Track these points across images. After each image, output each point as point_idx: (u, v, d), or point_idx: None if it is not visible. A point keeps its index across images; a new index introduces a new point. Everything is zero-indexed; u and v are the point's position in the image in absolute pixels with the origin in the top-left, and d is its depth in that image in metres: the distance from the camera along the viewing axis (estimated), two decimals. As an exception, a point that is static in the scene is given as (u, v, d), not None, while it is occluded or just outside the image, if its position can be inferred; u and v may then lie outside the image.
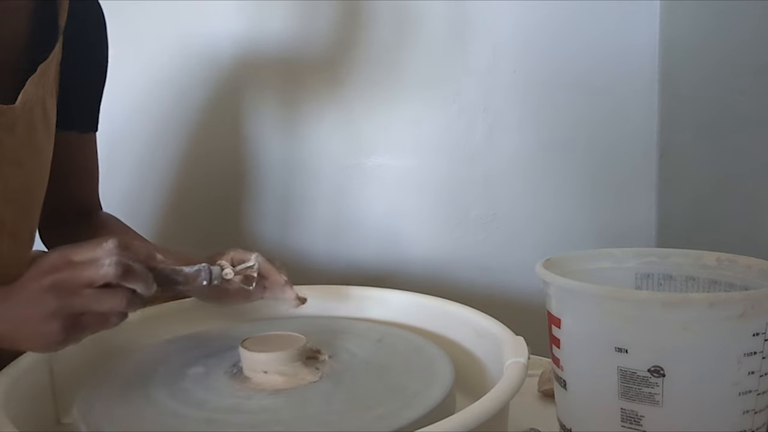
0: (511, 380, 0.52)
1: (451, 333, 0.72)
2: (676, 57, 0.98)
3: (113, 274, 0.51)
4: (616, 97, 1.04)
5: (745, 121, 0.81)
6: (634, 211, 1.06)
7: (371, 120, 1.13)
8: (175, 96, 1.20)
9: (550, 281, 0.55)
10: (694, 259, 0.61)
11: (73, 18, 0.72)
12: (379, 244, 1.15)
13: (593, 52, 1.04)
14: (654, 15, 1.01)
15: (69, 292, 0.50)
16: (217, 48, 1.17)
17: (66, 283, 0.51)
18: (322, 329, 0.71)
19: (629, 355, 0.50)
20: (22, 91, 0.66)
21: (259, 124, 1.18)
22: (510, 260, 1.10)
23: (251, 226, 1.22)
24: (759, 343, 0.49)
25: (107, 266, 0.51)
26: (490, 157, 1.09)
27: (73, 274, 0.51)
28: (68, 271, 0.51)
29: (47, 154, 0.73)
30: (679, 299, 0.52)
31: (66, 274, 0.51)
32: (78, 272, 0.51)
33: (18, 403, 0.56)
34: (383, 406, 0.54)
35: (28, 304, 0.51)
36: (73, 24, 0.73)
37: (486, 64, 1.07)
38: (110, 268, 0.51)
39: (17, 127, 0.67)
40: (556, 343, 0.56)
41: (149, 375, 0.62)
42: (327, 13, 1.11)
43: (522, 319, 0.73)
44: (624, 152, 1.05)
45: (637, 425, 0.51)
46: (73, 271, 0.51)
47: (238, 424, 0.53)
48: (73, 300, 0.50)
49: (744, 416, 0.50)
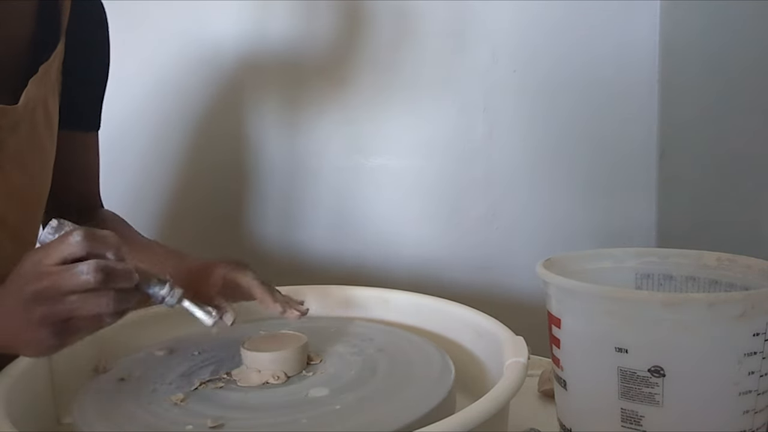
0: (511, 380, 0.52)
1: (451, 333, 0.72)
2: (676, 57, 0.98)
3: (94, 281, 0.49)
4: (616, 96, 1.04)
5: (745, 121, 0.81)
6: (634, 211, 1.06)
7: (371, 120, 1.13)
8: (177, 96, 1.20)
9: (550, 281, 0.55)
10: (694, 259, 0.61)
11: (75, 17, 0.72)
12: (378, 244, 1.15)
13: (593, 52, 1.04)
14: (654, 15, 1.00)
15: (52, 300, 0.49)
16: (219, 48, 1.17)
17: (48, 292, 0.49)
18: (323, 329, 0.71)
19: (629, 355, 0.50)
20: (25, 92, 0.66)
21: (261, 124, 1.18)
22: (510, 260, 1.10)
23: (252, 225, 1.22)
24: (759, 343, 0.49)
25: (86, 274, 0.49)
26: (490, 157, 1.09)
27: (54, 283, 0.49)
28: (47, 280, 0.49)
29: (50, 154, 0.74)
30: (679, 299, 0.52)
31: (46, 282, 0.49)
32: (58, 280, 0.49)
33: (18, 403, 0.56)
34: (383, 406, 0.55)
35: (15, 315, 0.50)
36: (76, 23, 0.73)
37: (486, 64, 1.07)
38: (89, 276, 0.49)
39: (20, 127, 0.67)
40: (556, 343, 0.56)
41: (149, 375, 0.62)
42: (328, 14, 1.11)
43: (522, 319, 0.73)
44: (624, 152, 1.05)
45: (637, 425, 0.51)
46: (53, 280, 0.49)
47: (238, 424, 0.53)
48: (57, 307, 0.49)
49: (744, 416, 0.50)
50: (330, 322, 0.75)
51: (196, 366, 0.64)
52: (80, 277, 0.49)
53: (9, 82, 0.66)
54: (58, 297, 0.49)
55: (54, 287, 0.49)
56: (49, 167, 0.74)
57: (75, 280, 0.49)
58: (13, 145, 0.67)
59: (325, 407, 0.55)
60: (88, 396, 0.59)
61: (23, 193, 0.70)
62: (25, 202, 0.71)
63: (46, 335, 0.50)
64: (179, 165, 1.23)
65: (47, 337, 0.50)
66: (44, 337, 0.50)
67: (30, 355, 0.55)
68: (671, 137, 1.01)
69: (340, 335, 0.70)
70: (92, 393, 0.59)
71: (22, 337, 0.51)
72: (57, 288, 0.49)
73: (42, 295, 0.49)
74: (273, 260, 1.21)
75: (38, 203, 0.74)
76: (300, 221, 1.19)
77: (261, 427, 0.52)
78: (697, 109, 0.93)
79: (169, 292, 0.55)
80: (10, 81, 0.67)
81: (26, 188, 0.71)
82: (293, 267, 1.20)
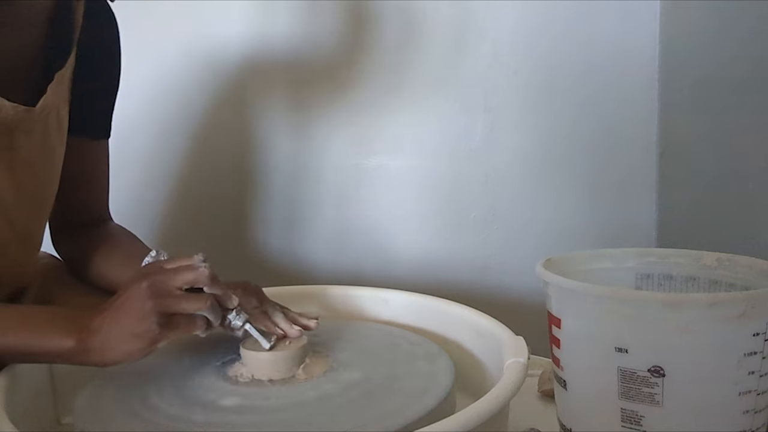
0: (511, 380, 0.52)
1: (451, 333, 0.73)
2: (676, 57, 0.98)
3: (207, 274, 0.57)
4: (616, 96, 1.04)
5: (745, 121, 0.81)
6: (634, 211, 1.06)
7: (372, 120, 1.13)
8: (179, 98, 1.20)
9: (550, 281, 0.55)
10: (694, 259, 0.61)
11: (87, 25, 0.73)
12: (379, 244, 1.15)
13: (593, 52, 1.04)
14: (654, 15, 1.01)
15: (164, 292, 0.55)
16: (222, 51, 1.17)
17: (161, 284, 0.56)
18: (323, 329, 0.71)
19: (629, 355, 0.50)
20: (43, 97, 0.67)
21: (264, 126, 1.18)
22: (510, 260, 1.10)
23: (253, 226, 1.22)
24: (759, 343, 0.49)
25: (203, 268, 0.57)
26: (490, 157, 1.09)
27: (169, 277, 0.56)
28: (164, 275, 0.56)
29: (59, 159, 0.74)
30: (679, 299, 0.52)
31: (162, 277, 0.56)
32: (173, 275, 0.56)
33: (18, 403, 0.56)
34: (383, 406, 0.55)
35: (127, 305, 0.55)
36: (88, 32, 0.73)
37: (486, 64, 1.07)
38: (206, 270, 0.57)
39: (34, 131, 0.68)
40: (556, 343, 0.56)
41: (149, 375, 0.62)
42: (330, 16, 1.11)
43: (522, 319, 0.73)
44: (624, 152, 1.05)
45: (637, 425, 0.51)
46: (169, 274, 0.56)
47: (238, 424, 0.53)
48: (166, 300, 0.55)
49: (744, 416, 0.50)
50: (330, 321, 0.75)
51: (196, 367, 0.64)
52: (197, 270, 0.57)
53: (23, 87, 0.67)
54: (169, 290, 0.55)
55: (167, 280, 0.56)
56: (57, 172, 0.75)
57: (191, 272, 0.56)
58: (26, 148, 0.68)
59: (325, 407, 0.55)
60: (88, 396, 0.59)
61: (32, 196, 0.71)
62: (34, 205, 0.72)
63: (151, 326, 0.54)
64: (183, 168, 1.23)
65: (151, 329, 0.54)
66: (148, 328, 0.54)
67: (119, 357, 0.56)
68: (671, 137, 1.01)
69: (339, 335, 0.70)
70: (92, 393, 0.59)
71: (125, 332, 0.55)
72: (170, 280, 0.56)
73: (155, 287, 0.55)
74: (274, 262, 1.21)
75: (46, 207, 0.75)
76: (302, 222, 1.19)
77: (261, 426, 0.52)
78: (697, 109, 0.93)
79: (236, 316, 0.61)
80: (24, 87, 0.67)
81: (36, 191, 0.71)
82: (294, 267, 1.20)
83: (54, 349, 0.55)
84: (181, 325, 0.56)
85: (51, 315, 0.58)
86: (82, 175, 0.81)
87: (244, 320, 0.61)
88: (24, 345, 0.56)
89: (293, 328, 0.64)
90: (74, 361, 0.56)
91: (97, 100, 0.79)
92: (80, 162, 0.79)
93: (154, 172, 1.23)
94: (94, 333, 0.55)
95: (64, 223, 0.82)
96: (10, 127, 0.65)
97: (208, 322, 0.58)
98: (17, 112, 0.64)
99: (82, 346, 0.55)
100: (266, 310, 0.66)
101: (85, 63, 0.74)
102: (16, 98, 0.64)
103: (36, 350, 0.56)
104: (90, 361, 0.56)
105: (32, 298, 0.77)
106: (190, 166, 1.22)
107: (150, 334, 0.54)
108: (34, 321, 0.57)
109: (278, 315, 0.66)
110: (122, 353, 0.55)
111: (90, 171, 0.82)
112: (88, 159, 0.81)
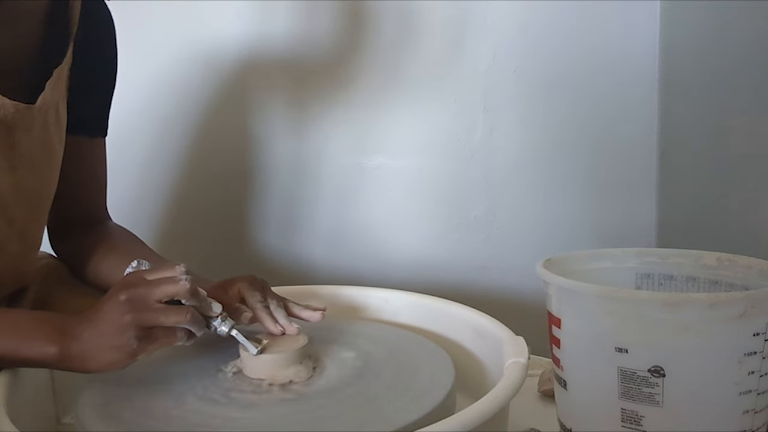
0: (511, 380, 0.52)
1: (451, 333, 0.72)
2: (676, 58, 0.98)
3: (187, 288, 0.55)
4: (616, 97, 1.04)
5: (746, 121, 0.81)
6: (634, 211, 1.06)
7: (372, 120, 1.13)
8: (178, 97, 1.20)
9: (551, 281, 0.55)
10: (695, 259, 0.61)
11: (84, 22, 0.73)
12: (379, 244, 1.15)
13: (593, 52, 1.04)
14: (654, 16, 1.01)
15: (142, 305, 0.54)
16: (221, 50, 1.17)
17: (140, 297, 0.55)
18: (322, 329, 0.71)
19: (629, 355, 0.50)
20: (42, 94, 0.67)
21: (263, 125, 1.18)
22: (510, 260, 1.10)
23: (253, 225, 1.22)
24: (759, 343, 0.49)
25: (184, 281, 0.55)
26: (490, 157, 1.09)
27: (149, 290, 0.55)
28: (143, 288, 0.55)
29: (58, 157, 0.74)
30: (679, 299, 0.52)
31: (141, 290, 0.55)
32: (153, 287, 0.55)
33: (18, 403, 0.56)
34: (383, 406, 0.54)
35: (106, 317, 0.55)
36: (84, 29, 0.73)
37: (486, 64, 1.07)
38: (186, 284, 0.55)
39: (34, 128, 0.68)
40: (556, 343, 0.56)
41: (149, 375, 0.62)
42: (329, 14, 1.11)
43: (522, 319, 0.73)
44: (624, 152, 1.05)
45: (637, 425, 0.51)
46: (149, 287, 0.55)
47: (238, 424, 0.53)
48: (144, 314, 0.54)
49: (744, 416, 0.50)
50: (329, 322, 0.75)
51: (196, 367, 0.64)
52: (177, 284, 0.55)
53: (20, 84, 0.67)
54: (149, 303, 0.55)
55: (147, 294, 0.55)
56: (57, 170, 0.74)
57: (171, 285, 0.55)
58: (26, 145, 0.68)
59: (325, 407, 0.55)
60: (88, 396, 0.59)
61: (32, 194, 0.71)
62: (34, 203, 0.72)
63: (131, 339, 0.54)
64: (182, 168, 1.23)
65: (131, 342, 0.54)
66: (126, 341, 0.54)
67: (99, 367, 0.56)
68: (671, 137, 1.01)
69: (339, 335, 0.70)
70: (92, 393, 0.59)
71: (104, 343, 0.54)
72: (150, 294, 0.55)
73: (134, 300, 0.54)
74: (273, 261, 1.21)
75: (45, 205, 0.75)
76: (300, 221, 1.19)
77: (260, 426, 0.52)
78: (697, 109, 0.93)
79: (221, 323, 0.60)
80: (21, 83, 0.67)
81: (35, 189, 0.71)
82: (293, 266, 1.20)
83: (37, 356, 0.56)
84: (160, 338, 0.55)
85: (37, 321, 0.58)
86: (80, 173, 0.80)
87: (230, 327, 0.60)
88: (10, 350, 0.56)
89: (293, 326, 0.64)
90: (59, 367, 0.57)
91: (93, 97, 0.79)
92: (77, 160, 0.79)
93: (153, 172, 1.23)
94: (75, 341, 0.55)
95: (61, 223, 0.82)
96: (10, 125, 0.65)
97: (190, 333, 0.57)
98: (18, 109, 0.64)
99: (65, 353, 0.55)
100: (268, 305, 0.65)
101: (81, 60, 0.74)
102: (16, 96, 0.64)
103: (21, 356, 0.56)
104: (72, 367, 0.56)
105: (32, 298, 0.77)
106: (189, 166, 1.22)
107: (128, 348, 0.54)
108: (19, 327, 0.57)
109: (280, 311, 0.65)
110: (103, 364, 0.55)
111: (87, 169, 0.82)
112: (85, 157, 0.81)
